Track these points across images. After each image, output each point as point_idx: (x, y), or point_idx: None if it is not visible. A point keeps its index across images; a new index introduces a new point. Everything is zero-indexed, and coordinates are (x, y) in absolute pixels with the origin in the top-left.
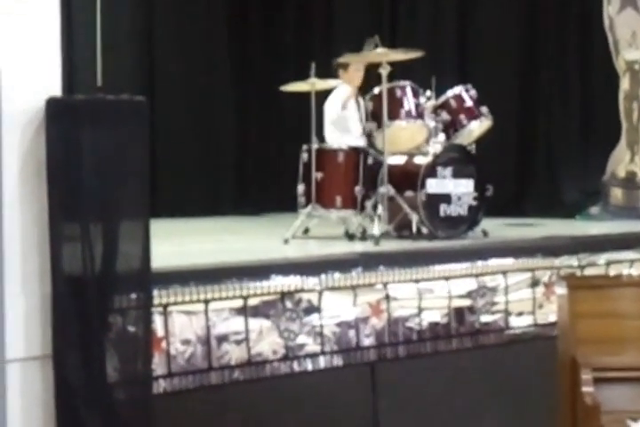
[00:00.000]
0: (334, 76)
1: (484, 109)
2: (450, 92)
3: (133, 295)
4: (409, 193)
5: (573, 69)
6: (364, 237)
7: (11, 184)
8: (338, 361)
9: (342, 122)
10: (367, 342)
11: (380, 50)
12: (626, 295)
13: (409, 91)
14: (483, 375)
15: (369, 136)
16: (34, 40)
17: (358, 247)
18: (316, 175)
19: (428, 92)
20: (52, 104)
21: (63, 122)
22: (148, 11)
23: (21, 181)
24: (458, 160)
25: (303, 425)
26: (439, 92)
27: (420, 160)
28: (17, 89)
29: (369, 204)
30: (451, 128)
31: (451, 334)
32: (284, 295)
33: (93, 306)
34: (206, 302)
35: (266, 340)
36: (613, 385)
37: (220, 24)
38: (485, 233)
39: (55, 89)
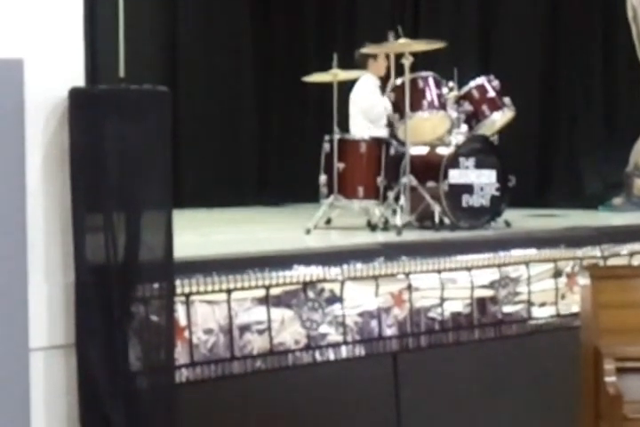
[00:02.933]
0: (357, 66)
1: (507, 100)
2: (472, 83)
3: (156, 285)
4: (431, 183)
5: (596, 60)
6: (386, 227)
7: (34, 174)
8: (360, 351)
9: (371, 112)
10: (389, 332)
11: (402, 40)
12: None
13: (431, 81)
14: (505, 365)
15: (391, 127)
16: (57, 30)
17: (380, 238)
18: (339, 166)
19: (451, 83)
20: (75, 94)
21: (86, 112)
22: (172, 1)
23: (45, 170)
24: (480, 151)
25: (325, 415)
26: (462, 83)
27: (443, 151)
28: (40, 79)
29: (391, 194)
30: (473, 119)
31: (473, 324)
32: (307, 285)
33: (116, 295)
34: (229, 291)
35: (288, 330)
36: (636, 375)
37: (242, 14)
38: (508, 224)
39: (78, 79)
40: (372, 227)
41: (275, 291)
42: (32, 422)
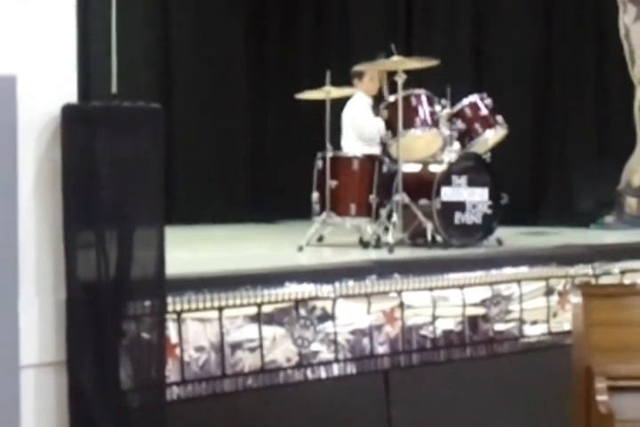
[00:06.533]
0: (350, 84)
1: (500, 118)
2: (465, 101)
3: (148, 302)
4: (423, 201)
5: (589, 78)
6: (378, 244)
7: (26, 191)
8: (351, 369)
9: (362, 130)
10: (381, 349)
11: (395, 58)
12: None
13: (424, 99)
14: (496, 384)
15: (384, 144)
16: (50, 47)
17: (373, 255)
18: (331, 183)
19: (444, 101)
20: (67, 111)
21: (79, 129)
22: (165, 17)
23: (37, 187)
24: (473, 169)
25: None
26: (454, 101)
27: (435, 168)
28: (33, 96)
29: (383, 212)
30: (466, 137)
31: (465, 342)
32: (298, 303)
33: (107, 313)
34: (220, 309)
35: (279, 347)
36: (628, 394)
37: (236, 32)
38: (500, 242)
39: (71, 96)
40: (364, 244)
41: (266, 308)
42: None
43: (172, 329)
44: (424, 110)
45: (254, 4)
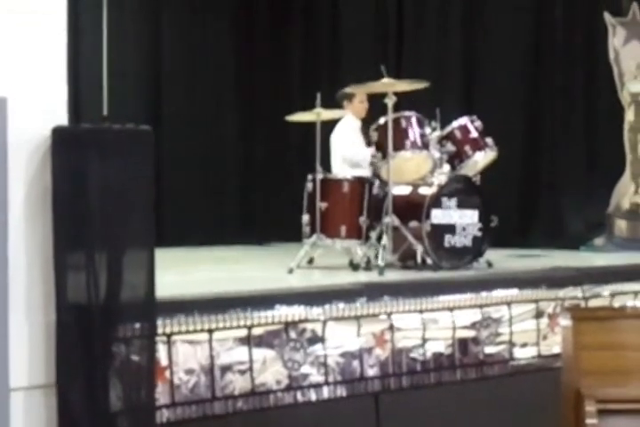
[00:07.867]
0: (339, 106)
1: (489, 141)
2: (455, 123)
3: (137, 325)
4: (414, 223)
5: (578, 101)
6: (368, 267)
7: (16, 212)
8: (341, 392)
9: (349, 155)
10: (371, 372)
11: (385, 80)
12: (630, 327)
13: (414, 121)
14: (486, 406)
15: (374, 166)
16: (40, 69)
17: (363, 277)
18: (321, 205)
19: (434, 123)
20: (58, 133)
21: (69, 151)
22: (155, 40)
23: (27, 209)
24: (463, 191)
25: None
26: (444, 123)
27: (425, 191)
28: (23, 118)
29: (373, 234)
30: (456, 159)
31: (455, 364)
32: (288, 325)
33: (97, 335)
34: (210, 331)
35: (269, 370)
36: (617, 417)
37: (226, 53)
38: (490, 264)
39: (61, 118)
40: (354, 267)
41: (256, 331)
42: None
43: (161, 352)
44: (414, 132)
45: (245, 27)
